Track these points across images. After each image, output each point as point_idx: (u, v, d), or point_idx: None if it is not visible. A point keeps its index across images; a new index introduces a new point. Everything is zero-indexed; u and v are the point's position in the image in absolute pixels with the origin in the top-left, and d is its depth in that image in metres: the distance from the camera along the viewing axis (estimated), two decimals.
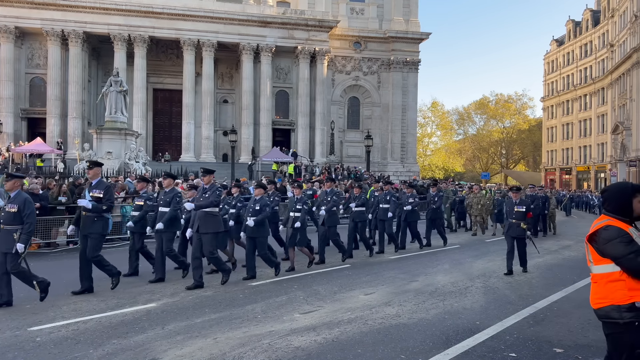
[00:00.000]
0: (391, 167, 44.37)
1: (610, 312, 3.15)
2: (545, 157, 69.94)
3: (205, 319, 6.45)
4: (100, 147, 25.65)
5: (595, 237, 3.24)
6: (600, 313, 3.23)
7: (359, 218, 11.96)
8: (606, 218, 3.28)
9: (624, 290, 3.11)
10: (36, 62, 39.49)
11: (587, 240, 3.30)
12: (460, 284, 8.79)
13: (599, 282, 3.25)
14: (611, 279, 3.16)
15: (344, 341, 5.57)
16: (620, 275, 3.12)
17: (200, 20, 39.15)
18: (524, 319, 6.62)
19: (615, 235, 3.13)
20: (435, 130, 78.08)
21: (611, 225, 3.20)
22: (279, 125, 43.28)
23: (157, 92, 43.36)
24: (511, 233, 9.94)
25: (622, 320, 3.10)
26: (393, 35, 44.56)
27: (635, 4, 44.99)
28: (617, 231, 3.15)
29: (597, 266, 3.25)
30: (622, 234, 3.13)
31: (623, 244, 3.09)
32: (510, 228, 9.99)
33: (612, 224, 3.20)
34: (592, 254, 3.28)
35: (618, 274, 3.13)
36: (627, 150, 46.53)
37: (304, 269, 10.11)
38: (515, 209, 9.88)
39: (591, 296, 3.33)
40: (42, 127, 38.27)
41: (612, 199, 3.33)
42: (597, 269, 3.25)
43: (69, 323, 6.24)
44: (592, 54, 59.18)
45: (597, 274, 3.26)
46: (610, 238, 3.14)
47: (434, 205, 14.22)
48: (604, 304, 3.19)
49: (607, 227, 3.20)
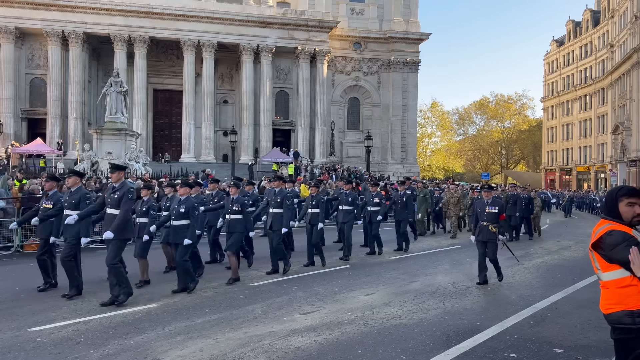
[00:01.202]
0: (391, 168, 44.36)
1: (623, 318, 3.10)
2: (546, 157, 69.95)
3: (205, 319, 6.45)
4: (101, 148, 25.66)
5: (600, 243, 3.15)
6: (612, 318, 3.17)
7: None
8: (607, 222, 3.21)
9: (637, 295, 3.06)
10: (36, 62, 39.48)
11: (592, 248, 3.21)
12: (461, 285, 8.79)
13: (610, 288, 3.17)
14: (622, 284, 3.10)
15: (345, 342, 5.58)
16: (631, 281, 3.06)
17: (200, 21, 39.16)
18: (525, 319, 6.62)
19: (621, 240, 3.06)
20: (435, 131, 78.20)
21: (615, 230, 3.12)
22: (279, 125, 43.29)
23: (157, 92, 43.36)
24: (482, 237, 8.93)
25: (635, 326, 3.06)
26: (393, 36, 44.56)
27: (635, 5, 45.00)
28: (622, 235, 3.08)
29: (606, 273, 3.17)
30: (627, 238, 3.06)
31: (630, 248, 3.04)
32: (481, 232, 8.97)
33: (615, 229, 3.13)
34: (599, 261, 3.19)
35: (629, 279, 3.07)
36: (627, 151, 46.53)
37: (304, 269, 10.12)
38: (487, 210, 8.92)
39: (602, 302, 3.26)
40: (42, 127, 38.26)
41: (605, 203, 3.31)
42: (607, 276, 3.17)
43: (70, 324, 6.25)
44: (592, 55, 59.20)
45: (607, 281, 3.18)
46: (616, 243, 3.07)
47: (400, 205, 13.08)
48: (616, 309, 3.13)
49: (610, 232, 3.12)
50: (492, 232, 8.83)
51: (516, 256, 10.10)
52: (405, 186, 14.29)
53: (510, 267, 10.82)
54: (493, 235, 8.86)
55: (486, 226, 8.85)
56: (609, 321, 3.21)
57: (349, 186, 12.20)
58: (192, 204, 8.22)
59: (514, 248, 11.41)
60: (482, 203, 9.13)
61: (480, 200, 9.27)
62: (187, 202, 8.15)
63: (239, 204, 8.87)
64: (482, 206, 9.02)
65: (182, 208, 8.07)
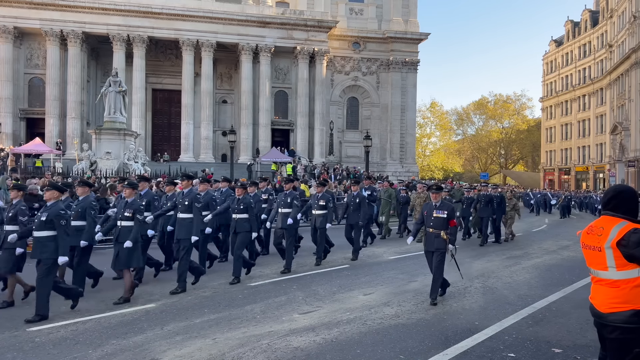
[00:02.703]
0: (390, 168, 44.36)
1: (630, 318, 3.09)
2: (544, 157, 70.02)
3: (204, 319, 6.45)
4: (99, 148, 25.63)
5: (623, 241, 3.12)
6: (615, 318, 3.14)
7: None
8: (620, 220, 3.20)
9: None
10: (35, 62, 39.43)
11: (615, 245, 3.16)
12: (459, 284, 8.79)
13: (621, 286, 3.15)
14: (636, 284, 3.10)
15: (343, 341, 5.58)
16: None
17: (199, 21, 39.13)
18: (523, 319, 6.63)
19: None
20: (434, 131, 78.13)
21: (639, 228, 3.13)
22: (278, 125, 43.28)
23: (156, 92, 43.33)
24: (429, 247, 7.55)
25: (639, 326, 3.07)
26: (392, 36, 44.57)
27: (634, 5, 45.06)
28: None
29: (620, 272, 3.15)
30: None
31: None
32: (428, 240, 7.60)
33: (636, 227, 3.13)
34: (616, 259, 3.16)
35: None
36: (626, 151, 46.59)
37: (303, 269, 10.12)
38: (434, 215, 7.51)
39: (603, 300, 3.24)
40: (41, 127, 38.20)
41: (622, 201, 3.29)
42: (620, 275, 3.15)
43: (68, 323, 6.24)
44: (590, 55, 59.26)
45: (619, 279, 3.16)
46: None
47: (352, 207, 11.55)
48: (622, 308, 3.12)
49: (636, 230, 3.12)
50: (441, 239, 7.41)
51: (462, 273, 8.21)
52: (359, 186, 12.56)
53: (509, 266, 10.84)
54: (442, 243, 7.40)
55: (432, 233, 7.52)
56: (609, 321, 3.18)
57: (289, 185, 11.15)
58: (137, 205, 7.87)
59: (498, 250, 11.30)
60: (429, 206, 7.76)
61: (428, 203, 7.97)
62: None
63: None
64: (430, 210, 7.67)
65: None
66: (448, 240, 7.38)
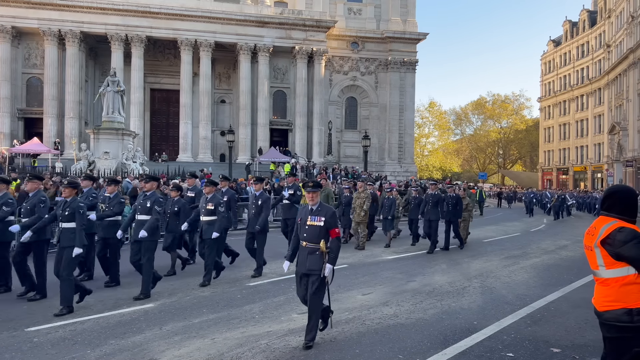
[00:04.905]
0: (389, 167, 44.39)
1: (621, 316, 3.11)
2: (542, 157, 70.14)
3: (203, 319, 6.45)
4: (98, 148, 25.61)
5: (608, 239, 3.16)
6: (609, 316, 3.17)
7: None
8: (612, 219, 3.23)
9: (638, 293, 3.08)
10: (33, 62, 39.36)
11: (600, 244, 3.20)
12: (458, 284, 8.80)
13: (610, 285, 3.18)
14: (625, 282, 3.12)
15: (342, 341, 5.58)
16: (635, 279, 3.08)
17: (197, 20, 39.10)
18: (521, 318, 6.64)
19: (631, 237, 3.09)
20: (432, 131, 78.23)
21: (625, 227, 3.15)
22: (276, 125, 43.27)
23: (154, 92, 43.30)
24: (300, 267, 5.50)
25: (633, 324, 3.07)
26: (390, 36, 44.57)
27: (632, 5, 45.16)
28: (633, 232, 3.11)
29: (609, 270, 3.18)
30: (637, 235, 3.09)
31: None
32: (300, 258, 5.56)
33: (625, 226, 3.16)
34: (603, 257, 3.19)
35: (633, 277, 3.09)
36: (624, 151, 46.69)
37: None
38: (308, 223, 5.48)
39: (598, 299, 3.27)
40: (39, 127, 38.14)
41: (621, 201, 3.30)
42: (609, 273, 3.18)
43: (67, 324, 6.23)
44: (588, 55, 59.37)
45: (609, 278, 3.19)
46: (627, 240, 3.09)
47: (253, 212, 9.67)
48: (613, 307, 3.14)
49: (621, 229, 3.14)
50: (316, 257, 5.36)
51: (330, 303, 5.74)
52: (263, 185, 10.74)
53: (508, 266, 10.85)
54: (318, 262, 5.35)
55: (305, 248, 5.46)
56: (605, 319, 3.20)
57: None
58: (218, 200, 8.76)
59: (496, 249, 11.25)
60: (304, 211, 5.67)
61: (304, 207, 5.78)
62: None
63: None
64: (304, 216, 5.60)
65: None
66: (326, 256, 5.33)
